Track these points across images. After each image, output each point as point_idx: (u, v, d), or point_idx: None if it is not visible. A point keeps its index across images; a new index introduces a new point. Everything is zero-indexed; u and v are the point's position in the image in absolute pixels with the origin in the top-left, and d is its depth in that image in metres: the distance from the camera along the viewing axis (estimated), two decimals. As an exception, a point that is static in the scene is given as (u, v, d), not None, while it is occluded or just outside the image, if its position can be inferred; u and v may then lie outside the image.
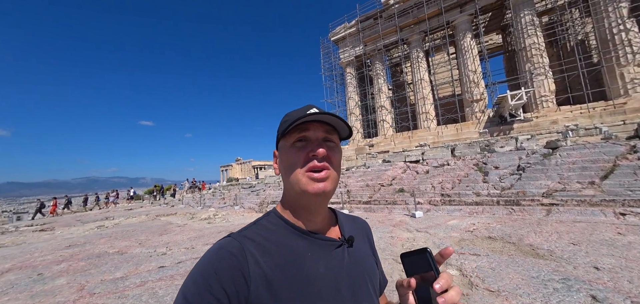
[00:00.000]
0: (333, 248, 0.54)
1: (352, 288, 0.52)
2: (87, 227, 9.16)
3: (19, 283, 3.89)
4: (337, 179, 0.55)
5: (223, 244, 0.49)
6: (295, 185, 0.52)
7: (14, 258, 5.49)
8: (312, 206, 0.54)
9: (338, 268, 0.52)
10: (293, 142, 0.54)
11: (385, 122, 19.51)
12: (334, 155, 0.55)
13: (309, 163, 0.52)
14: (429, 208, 7.03)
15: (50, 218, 13.94)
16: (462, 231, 5.43)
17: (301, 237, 0.53)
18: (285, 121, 0.55)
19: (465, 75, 17.13)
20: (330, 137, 0.55)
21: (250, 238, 0.50)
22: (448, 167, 8.46)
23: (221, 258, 0.46)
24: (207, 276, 0.44)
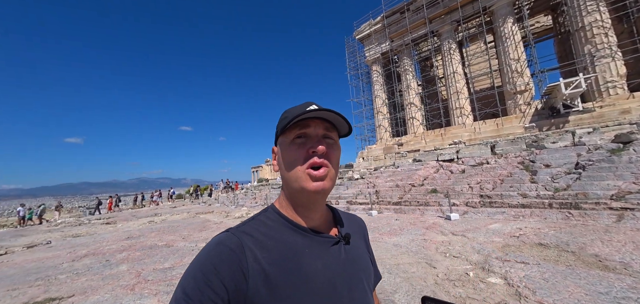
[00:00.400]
0: (330, 244, 0.54)
1: (348, 285, 0.52)
2: (140, 222, 10.29)
3: (93, 267, 4.51)
4: (335, 177, 0.55)
5: (221, 239, 0.49)
6: (294, 182, 0.52)
7: (89, 246, 6.39)
8: (310, 203, 0.54)
9: (335, 264, 0.52)
10: (293, 139, 0.53)
11: (415, 119, 18.59)
12: (333, 152, 0.54)
13: (309, 160, 0.51)
14: (466, 210, 6.49)
15: (113, 213, 15.99)
16: (506, 236, 4.91)
17: (299, 233, 0.53)
18: (285, 117, 0.54)
19: (506, 65, 15.56)
20: (330, 134, 0.55)
21: (249, 234, 0.50)
22: (487, 166, 7.73)
23: (220, 253, 0.46)
24: (206, 271, 0.44)
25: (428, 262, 3.92)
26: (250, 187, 20.59)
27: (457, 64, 17.51)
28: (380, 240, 5.37)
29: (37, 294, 3.44)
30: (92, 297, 3.21)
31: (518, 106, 15.09)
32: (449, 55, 17.53)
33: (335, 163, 0.55)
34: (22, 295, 3.45)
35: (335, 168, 0.54)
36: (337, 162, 0.55)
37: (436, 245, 4.76)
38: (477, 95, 17.26)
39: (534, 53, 15.47)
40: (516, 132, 13.95)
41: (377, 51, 20.72)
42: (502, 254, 3.98)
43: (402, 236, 5.52)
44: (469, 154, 8.86)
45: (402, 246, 4.83)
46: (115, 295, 3.21)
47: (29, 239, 8.19)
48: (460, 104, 17.02)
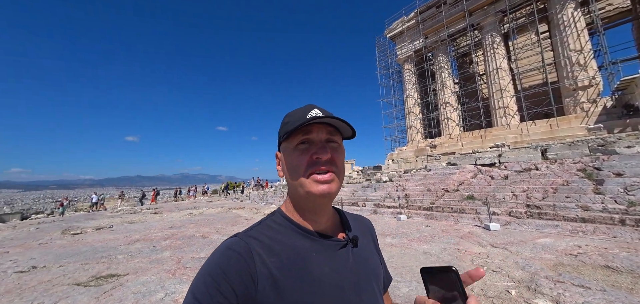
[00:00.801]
0: (337, 248, 0.54)
1: (356, 288, 0.51)
2: (181, 213, 11.39)
3: (143, 251, 5.14)
4: (341, 180, 0.55)
5: (230, 244, 0.49)
6: (299, 187, 0.52)
7: (140, 231, 7.29)
8: (316, 207, 0.54)
9: (343, 268, 0.52)
10: (296, 145, 0.53)
11: (450, 119, 17.34)
12: (337, 156, 0.54)
13: (314, 166, 0.51)
14: (509, 221, 5.85)
15: (159, 204, 17.94)
16: (559, 253, 4.31)
17: (306, 237, 0.53)
18: (287, 123, 0.55)
19: (564, 58, 13.67)
20: (333, 138, 0.55)
21: (256, 238, 0.50)
22: (536, 172, 6.87)
23: (229, 258, 0.46)
24: (216, 276, 0.44)
25: (462, 274, 3.63)
26: (279, 186, 21.31)
27: (502, 59, 15.91)
28: (409, 246, 5.13)
29: (102, 270, 4.03)
30: (142, 277, 3.66)
31: (579, 104, 13.14)
32: (492, 50, 16.01)
33: (341, 167, 0.55)
34: (91, 269, 4.07)
35: (340, 172, 0.54)
36: (342, 165, 0.55)
37: (472, 256, 4.38)
38: (525, 93, 15.47)
39: (603, 41, 13.25)
40: (576, 134, 12.13)
41: (409, 49, 19.84)
42: (553, 273, 3.51)
43: (433, 244, 5.20)
44: (513, 158, 7.98)
45: (433, 254, 4.55)
46: (160, 278, 3.61)
47: (97, 222, 9.62)
48: (504, 103, 15.43)
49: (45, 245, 6.14)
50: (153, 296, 3.03)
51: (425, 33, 18.76)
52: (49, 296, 3.08)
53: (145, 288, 3.25)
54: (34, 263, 4.54)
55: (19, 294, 3.18)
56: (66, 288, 3.33)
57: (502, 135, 14.62)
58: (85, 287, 3.35)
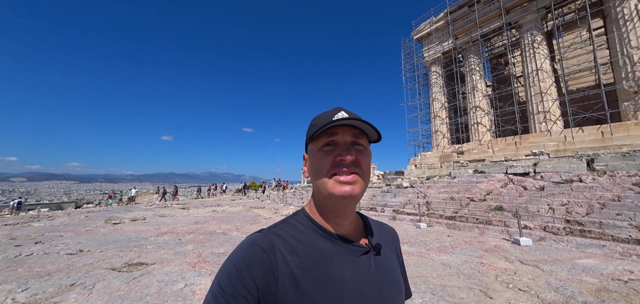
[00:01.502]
0: (359, 254, 0.53)
1: (377, 296, 0.50)
2: (206, 210, 12.10)
3: (169, 242, 5.57)
4: (366, 182, 0.54)
5: (254, 239, 0.50)
6: (322, 188, 0.52)
7: (168, 225, 7.90)
8: (339, 209, 0.53)
9: (364, 274, 0.51)
10: (321, 146, 0.54)
11: (481, 124, 16.18)
12: (363, 158, 0.53)
13: (337, 167, 0.51)
14: (543, 236, 5.29)
15: (187, 200, 19.25)
16: (605, 277, 3.80)
17: (328, 240, 0.53)
18: (314, 125, 0.55)
19: (623, 56, 12.08)
20: (359, 141, 0.54)
21: (280, 236, 0.51)
22: (580, 185, 6.14)
23: (253, 252, 0.47)
24: (240, 269, 0.46)
25: (483, 290, 3.38)
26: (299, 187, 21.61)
27: (543, 60, 14.50)
28: (427, 255, 4.89)
29: (133, 258, 4.45)
30: (166, 267, 3.97)
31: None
32: (532, 50, 14.68)
33: (366, 170, 0.54)
34: (124, 256, 4.52)
35: (365, 175, 0.54)
36: (367, 168, 0.54)
37: (497, 271, 4.05)
38: (571, 96, 13.92)
39: (670, 37, 11.46)
40: (636, 142, 10.57)
41: (437, 50, 18.99)
42: (594, 299, 3.11)
43: (454, 255, 4.89)
44: (552, 168, 7.20)
45: (452, 266, 4.29)
46: (182, 269, 3.88)
47: (133, 214, 10.63)
48: (544, 107, 14.01)
49: (91, 231, 6.93)
50: (174, 285, 3.28)
51: (456, 34, 17.82)
52: (89, 277, 3.48)
53: (168, 278, 3.52)
54: (80, 247, 5.17)
55: (67, 273, 3.64)
56: (103, 271, 3.74)
57: (540, 143, 13.27)
58: (119, 272, 3.72)
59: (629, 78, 11.71)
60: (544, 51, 14.63)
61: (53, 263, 4.05)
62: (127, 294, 2.96)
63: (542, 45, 14.66)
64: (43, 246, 5.15)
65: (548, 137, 13.48)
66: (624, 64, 11.92)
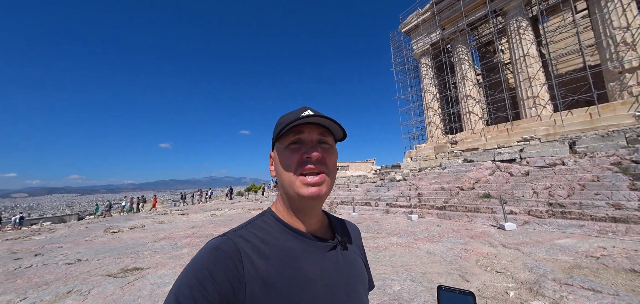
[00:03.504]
0: (327, 249, 0.54)
1: (346, 290, 0.51)
2: (205, 215, 12.25)
3: (166, 248, 5.72)
4: (332, 181, 0.54)
5: (217, 244, 0.47)
6: (289, 187, 0.52)
7: (166, 231, 8.05)
8: (306, 208, 0.53)
9: (333, 269, 0.52)
10: (288, 144, 0.53)
11: (473, 113, 16.35)
12: (329, 157, 0.54)
13: (304, 166, 0.51)
14: (528, 220, 5.47)
15: (186, 206, 19.38)
16: (579, 254, 3.99)
17: (297, 238, 0.52)
18: (280, 123, 0.55)
19: (606, 37, 12.25)
20: (325, 139, 0.54)
21: (246, 239, 0.49)
22: (562, 168, 6.32)
23: (216, 258, 0.44)
24: (202, 279, 0.42)
25: (461, 274, 3.55)
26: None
27: (530, 45, 14.65)
28: (414, 245, 5.06)
29: (129, 264, 4.60)
30: (160, 271, 4.12)
31: (626, 88, 11.65)
32: (518, 36, 14.82)
33: (332, 168, 0.54)
34: (121, 263, 4.67)
35: (332, 173, 0.54)
36: (333, 166, 0.55)
37: (478, 256, 4.22)
38: (559, 80, 14.11)
39: (656, 15, 11.60)
40: (623, 122, 10.75)
41: (425, 42, 19.09)
42: (564, 276, 3.29)
43: (440, 243, 5.07)
44: (536, 153, 7.38)
45: (436, 254, 4.46)
46: (175, 272, 4.04)
47: (133, 222, 10.77)
48: (533, 93, 14.19)
49: (90, 241, 7.08)
50: (166, 287, 3.43)
51: (442, 24, 17.93)
52: (86, 284, 3.64)
53: (161, 280, 3.68)
54: (79, 256, 5.31)
55: (64, 282, 3.79)
56: (100, 278, 3.89)
57: (531, 128, 13.45)
58: (114, 278, 3.88)
59: (613, 58, 11.88)
60: (530, 36, 14.77)
61: (51, 273, 4.20)
62: (120, 297, 3.11)
63: (527, 30, 14.80)
64: (42, 258, 5.30)
65: (538, 122, 13.66)
66: (607, 45, 12.10)
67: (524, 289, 3.02)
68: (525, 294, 2.89)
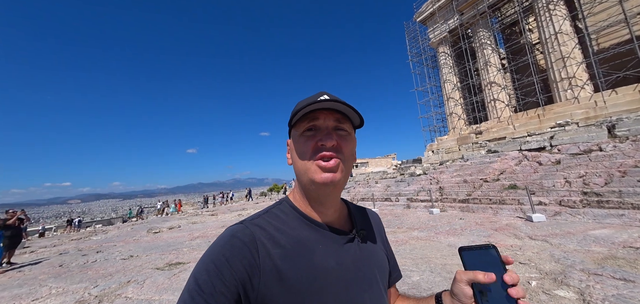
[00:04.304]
0: (344, 241, 0.53)
1: (361, 284, 0.50)
2: (232, 215, 13.07)
3: (201, 245, 6.34)
4: (349, 168, 0.53)
5: (234, 231, 0.48)
6: (303, 175, 0.51)
7: (199, 230, 8.81)
8: (322, 196, 0.52)
9: (349, 262, 0.51)
10: (303, 131, 0.52)
11: (498, 101, 15.45)
12: (345, 144, 0.52)
13: (318, 153, 0.50)
14: (558, 211, 5.22)
15: (215, 208, 20.68)
16: (615, 245, 3.80)
17: (312, 229, 0.52)
18: (295, 109, 0.53)
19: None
20: (342, 125, 0.53)
21: (262, 227, 0.49)
22: (599, 154, 5.89)
23: (233, 246, 0.45)
24: (219, 264, 0.43)
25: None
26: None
27: (562, 21, 13.50)
28: (435, 239, 5.09)
29: (172, 259, 5.22)
30: (199, 263, 4.65)
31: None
32: (548, 13, 13.73)
33: (348, 155, 0.52)
34: (165, 258, 5.31)
35: (348, 160, 0.52)
36: (350, 154, 0.53)
37: (501, 248, 4.17)
38: (600, 56, 12.81)
39: None
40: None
41: (443, 30, 18.35)
42: (595, 266, 3.19)
43: (462, 237, 5.04)
44: (569, 140, 6.91)
45: (457, 246, 4.47)
46: (212, 264, 4.53)
47: (170, 223, 11.85)
48: (568, 73, 13.07)
49: (137, 240, 8.01)
50: (206, 277, 3.91)
51: (460, 9, 17.08)
52: (140, 275, 4.25)
53: (201, 272, 4.18)
54: (131, 253, 6.10)
55: (123, 274, 4.45)
56: (150, 270, 4.50)
57: (566, 112, 12.42)
58: (162, 271, 4.46)
59: (667, 28, 10.56)
60: (562, 11, 13.59)
61: (112, 267, 4.93)
62: (170, 286, 3.63)
63: (559, 5, 13.62)
64: (103, 254, 6.17)
65: (575, 105, 12.58)
66: (659, 13, 10.77)
67: (548, 279, 3.00)
68: (548, 283, 2.88)
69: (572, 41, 13.33)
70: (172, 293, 3.39)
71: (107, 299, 3.34)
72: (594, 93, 12.57)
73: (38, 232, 15.88)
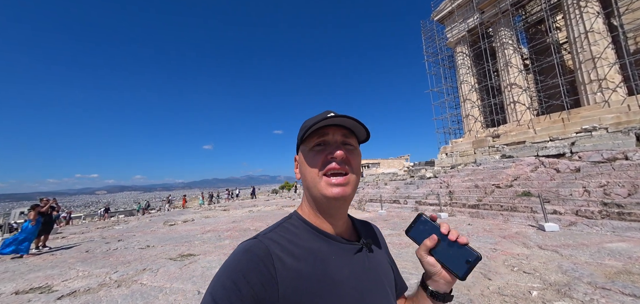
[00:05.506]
0: (353, 252, 0.54)
1: (373, 292, 0.52)
2: (243, 211, 13.51)
3: (211, 238, 6.67)
4: (356, 182, 0.55)
5: (249, 246, 0.48)
6: (313, 188, 0.53)
7: (211, 224, 9.23)
8: (332, 210, 0.54)
9: (360, 271, 0.52)
10: (312, 146, 0.54)
11: (518, 103, 14.72)
12: (353, 158, 0.54)
13: (328, 166, 0.52)
14: (574, 221, 4.97)
15: (227, 202, 21.41)
16: (632, 260, 3.60)
17: (324, 241, 0.53)
18: (304, 126, 0.55)
19: None
20: (349, 141, 0.55)
21: (276, 241, 0.50)
22: (624, 163, 5.52)
23: (249, 260, 0.46)
24: (236, 280, 0.43)
25: (484, 273, 3.52)
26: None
27: (594, 19, 12.62)
28: (439, 244, 5.02)
29: (184, 250, 5.56)
30: (208, 257, 4.92)
31: None
32: (578, 10, 12.89)
33: (356, 169, 0.55)
34: (178, 250, 5.67)
35: (356, 174, 0.54)
36: (357, 167, 0.55)
37: (507, 256, 4.07)
38: (637, 57, 11.85)
39: None
40: None
41: (461, 29, 17.73)
42: (604, 280, 3.05)
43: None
44: (591, 146, 6.50)
45: (461, 253, 4.40)
46: (219, 258, 4.79)
47: (184, 216, 12.48)
48: (598, 74, 12.20)
49: (154, 231, 8.55)
50: (213, 270, 4.15)
51: (481, 7, 16.42)
52: (155, 264, 4.58)
53: (209, 264, 4.43)
54: (147, 243, 6.55)
55: (140, 262, 4.82)
56: (164, 260, 4.84)
57: (595, 116, 11.60)
58: (174, 261, 4.78)
59: None
60: (595, 8, 12.68)
61: (131, 255, 5.35)
62: (180, 275, 3.91)
63: (591, 1, 12.72)
64: (123, 243, 6.69)
65: (605, 109, 11.72)
66: None
67: (551, 290, 2.91)
68: (550, 294, 2.80)
69: (604, 40, 12.43)
70: (182, 282, 3.66)
71: (125, 284, 3.67)
72: (627, 97, 11.64)
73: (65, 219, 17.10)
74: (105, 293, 3.38)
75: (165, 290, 3.39)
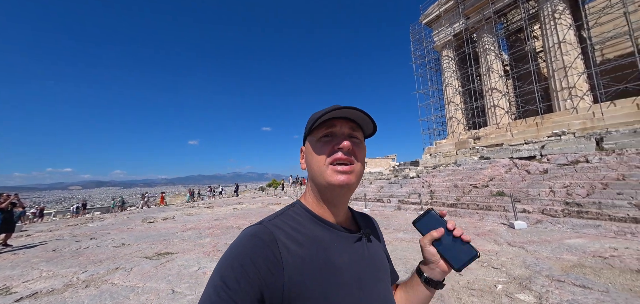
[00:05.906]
0: (353, 241, 0.56)
1: (371, 279, 0.54)
2: (227, 208, 13.27)
3: (191, 236, 6.51)
4: (361, 173, 0.56)
5: (255, 231, 0.49)
6: (319, 177, 0.54)
7: (193, 222, 9.00)
8: (335, 198, 0.55)
9: (360, 259, 0.54)
10: (320, 137, 0.55)
11: (498, 107, 15.42)
12: (358, 150, 0.56)
13: (334, 155, 0.53)
14: (540, 219, 5.31)
15: (211, 200, 20.93)
16: (586, 255, 3.90)
17: (326, 229, 0.54)
18: (313, 118, 0.57)
19: None
20: (355, 134, 0.57)
21: (280, 227, 0.51)
22: (585, 166, 5.95)
23: (255, 246, 0.47)
24: (244, 263, 0.44)
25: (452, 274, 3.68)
26: (315, 183, 22.22)
27: (567, 30, 13.42)
28: (417, 241, 5.20)
29: (162, 249, 5.39)
30: (186, 255, 4.81)
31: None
32: (552, 21, 13.64)
33: (361, 160, 0.56)
34: (155, 248, 5.49)
35: (361, 165, 0.56)
36: (362, 160, 0.57)
37: (482, 252, 4.28)
38: (601, 67, 12.74)
39: None
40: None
41: (448, 33, 18.28)
42: (560, 273, 3.30)
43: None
44: (559, 150, 6.96)
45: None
46: (198, 257, 4.69)
47: (165, 214, 12.08)
48: (569, 82, 13.02)
49: (131, 229, 8.22)
50: (190, 268, 4.06)
51: (467, 13, 17.00)
52: (128, 263, 4.42)
53: (186, 263, 4.33)
54: (123, 241, 6.29)
55: (113, 261, 4.63)
56: (139, 259, 4.68)
57: (564, 121, 12.40)
58: (150, 259, 4.63)
59: (667, 41, 10.48)
60: (567, 20, 13.50)
61: (103, 254, 5.11)
62: (155, 274, 3.79)
63: (564, 14, 13.52)
64: (96, 241, 6.37)
65: (573, 115, 12.55)
66: (661, 26, 10.69)
67: (514, 284, 3.11)
68: (513, 288, 2.99)
69: (574, 51, 13.26)
70: (156, 281, 3.55)
71: (93, 284, 3.51)
72: (592, 105, 12.52)
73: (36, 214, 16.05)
74: (71, 294, 3.22)
75: (137, 290, 3.29)
